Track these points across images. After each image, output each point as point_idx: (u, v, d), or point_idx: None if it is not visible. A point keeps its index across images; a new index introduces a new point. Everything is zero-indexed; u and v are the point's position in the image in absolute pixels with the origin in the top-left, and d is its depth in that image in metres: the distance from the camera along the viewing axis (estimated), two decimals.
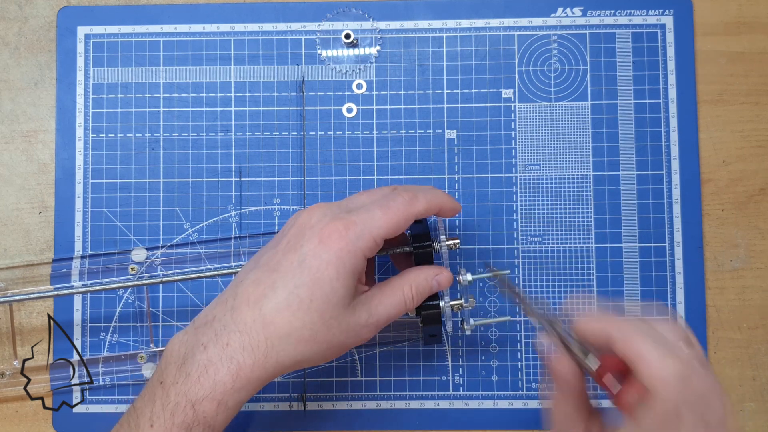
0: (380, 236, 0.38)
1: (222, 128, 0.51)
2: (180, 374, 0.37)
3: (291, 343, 0.37)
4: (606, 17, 0.51)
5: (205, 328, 0.38)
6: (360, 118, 0.51)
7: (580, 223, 0.50)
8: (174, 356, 0.38)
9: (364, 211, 0.38)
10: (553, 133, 0.51)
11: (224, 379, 0.36)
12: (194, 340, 0.37)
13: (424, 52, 0.51)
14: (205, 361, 0.36)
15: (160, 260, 0.49)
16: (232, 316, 0.37)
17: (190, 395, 0.36)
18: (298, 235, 0.38)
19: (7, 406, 0.50)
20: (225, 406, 0.36)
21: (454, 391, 0.49)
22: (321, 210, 0.39)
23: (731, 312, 0.50)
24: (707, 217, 0.50)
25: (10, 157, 0.51)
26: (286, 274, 0.37)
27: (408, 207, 0.39)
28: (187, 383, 0.36)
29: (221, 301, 0.39)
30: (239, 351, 0.36)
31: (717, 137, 0.51)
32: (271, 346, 0.36)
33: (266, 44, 0.51)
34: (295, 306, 0.36)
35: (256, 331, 0.37)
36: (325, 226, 0.38)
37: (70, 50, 0.51)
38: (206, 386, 0.36)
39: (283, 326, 0.36)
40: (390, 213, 0.38)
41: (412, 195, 0.39)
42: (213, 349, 0.37)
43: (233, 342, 0.36)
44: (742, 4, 0.51)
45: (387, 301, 0.39)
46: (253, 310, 0.37)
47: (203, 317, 0.39)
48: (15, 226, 0.51)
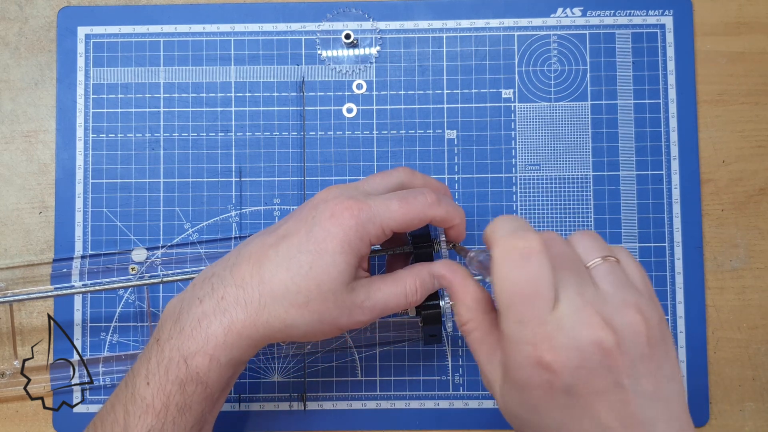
0: (390, 227, 0.38)
1: (222, 128, 0.51)
2: (174, 329, 0.37)
3: (284, 305, 0.37)
4: (606, 17, 0.51)
5: (203, 283, 0.39)
6: (360, 118, 0.51)
7: (580, 223, 0.50)
8: (170, 312, 0.39)
9: (382, 199, 0.39)
10: (553, 133, 0.51)
11: (216, 332, 0.36)
12: (191, 296, 0.38)
13: (424, 52, 0.51)
14: (199, 314, 0.37)
15: (160, 260, 0.49)
16: (231, 272, 0.38)
17: (183, 350, 0.36)
18: (312, 208, 0.39)
19: (7, 406, 0.50)
20: (217, 362, 0.37)
21: (454, 391, 0.49)
22: (339, 189, 0.40)
23: (731, 312, 0.50)
24: (707, 217, 0.50)
25: (11, 157, 0.51)
26: (292, 240, 0.38)
27: (427, 208, 0.39)
28: (181, 337, 0.37)
29: (223, 260, 0.40)
30: (233, 304, 0.37)
31: (717, 137, 0.51)
32: (263, 305, 0.37)
33: (266, 44, 0.51)
34: (294, 270, 0.37)
35: (252, 286, 0.37)
36: (339, 203, 0.38)
37: (70, 50, 0.51)
38: (198, 340, 0.36)
39: (278, 286, 0.37)
40: (407, 208, 0.38)
41: (436, 199, 0.39)
42: (208, 302, 0.37)
43: (228, 295, 0.37)
44: (742, 4, 0.51)
45: (388, 288, 0.39)
46: (253, 267, 0.38)
47: (203, 274, 0.40)
48: (15, 226, 0.51)
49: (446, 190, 0.44)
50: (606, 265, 0.32)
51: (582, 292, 0.31)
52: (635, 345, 0.30)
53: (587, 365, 0.29)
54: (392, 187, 0.41)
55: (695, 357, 0.49)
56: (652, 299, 0.32)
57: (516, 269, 0.31)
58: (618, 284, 0.32)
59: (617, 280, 0.32)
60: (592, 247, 0.33)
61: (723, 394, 0.49)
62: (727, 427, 0.49)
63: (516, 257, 0.31)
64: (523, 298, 0.30)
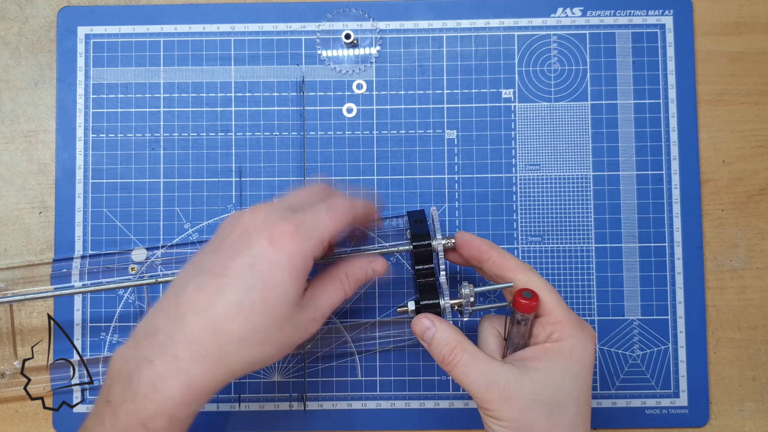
0: (326, 238, 0.38)
1: (222, 128, 0.51)
2: (127, 393, 0.35)
3: (243, 348, 0.35)
4: (606, 17, 0.51)
5: (147, 341, 0.36)
6: (360, 118, 0.51)
7: (580, 223, 0.50)
8: (117, 373, 0.36)
9: (311, 212, 0.38)
10: (553, 133, 0.51)
11: (174, 393, 0.34)
12: (136, 355, 0.35)
13: (424, 52, 0.51)
14: (152, 376, 0.35)
15: (160, 260, 0.49)
16: (177, 326, 0.35)
17: (140, 414, 0.34)
18: (244, 237, 0.36)
19: (7, 406, 0.50)
20: (178, 420, 0.35)
21: (454, 391, 0.49)
22: (265, 210, 0.37)
23: (731, 312, 0.50)
24: (707, 217, 0.50)
25: (11, 157, 0.51)
26: (235, 278, 0.35)
27: (349, 210, 0.39)
28: (136, 402, 0.34)
29: (161, 310, 0.37)
30: (189, 362, 0.35)
31: (717, 137, 0.51)
32: (223, 354, 0.35)
33: (266, 44, 0.51)
34: (247, 310, 0.35)
35: (206, 339, 0.35)
36: (273, 226, 0.36)
37: (70, 50, 0.51)
38: (156, 403, 0.34)
39: (235, 332, 0.35)
40: (336, 215, 0.38)
41: (350, 200, 0.40)
42: (160, 363, 0.35)
43: (182, 353, 0.35)
44: (742, 4, 0.51)
45: (328, 291, 0.40)
46: (202, 318, 0.35)
47: (144, 329, 0.36)
48: (15, 226, 0.51)
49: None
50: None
51: None
52: None
53: None
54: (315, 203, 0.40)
55: (695, 357, 0.49)
56: None
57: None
58: None
59: None
60: None
61: (723, 394, 0.49)
62: (727, 427, 0.49)
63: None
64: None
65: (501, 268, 0.41)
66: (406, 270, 0.50)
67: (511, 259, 0.41)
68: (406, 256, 0.50)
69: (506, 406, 0.37)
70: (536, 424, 0.37)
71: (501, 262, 0.41)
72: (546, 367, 0.38)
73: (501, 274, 0.41)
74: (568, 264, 0.50)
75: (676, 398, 0.49)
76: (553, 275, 0.50)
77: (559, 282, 0.50)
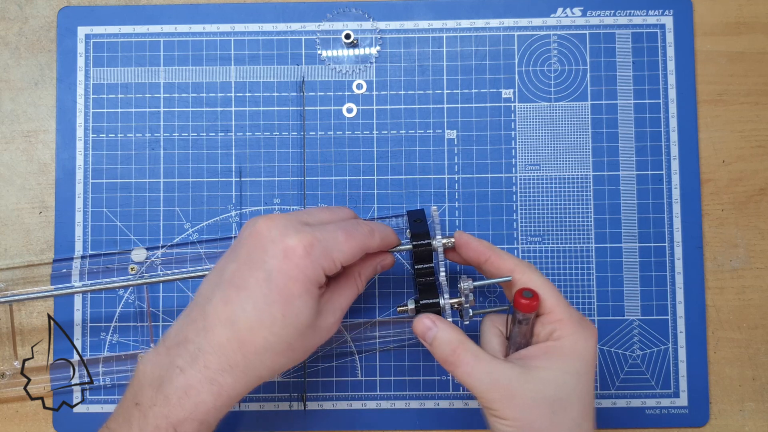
0: (340, 260, 0.38)
1: (222, 128, 0.51)
2: (158, 397, 0.36)
3: (269, 357, 0.37)
4: (606, 17, 0.51)
5: (179, 349, 0.37)
6: (360, 118, 0.51)
7: (580, 223, 0.50)
8: (148, 378, 0.37)
9: (328, 231, 0.38)
10: (553, 133, 0.51)
11: (206, 399, 0.36)
12: (168, 362, 0.37)
13: (424, 52, 0.51)
14: (184, 384, 0.36)
15: (160, 260, 0.49)
16: (206, 338, 0.37)
17: (171, 418, 0.36)
18: (260, 249, 0.37)
19: (8, 406, 0.50)
20: (207, 425, 0.37)
21: (454, 391, 0.49)
22: (281, 222, 0.38)
23: (731, 312, 0.50)
24: (707, 217, 0.50)
25: (11, 157, 0.51)
26: (254, 292, 0.37)
27: (368, 239, 0.40)
28: (167, 406, 0.36)
29: (191, 321, 0.38)
30: (218, 372, 0.36)
31: (717, 137, 0.51)
32: (249, 363, 0.37)
33: (266, 44, 0.51)
34: (269, 324, 0.36)
35: (233, 350, 0.36)
36: (288, 240, 0.37)
37: (70, 50, 0.51)
38: (187, 408, 0.36)
39: (260, 343, 0.37)
40: (352, 241, 0.39)
41: (370, 229, 0.41)
42: (191, 371, 0.36)
43: (211, 364, 0.36)
44: (742, 4, 0.51)
45: (344, 293, 0.41)
46: (228, 331, 0.37)
47: (174, 337, 0.38)
48: (15, 226, 0.51)
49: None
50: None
51: None
52: None
53: None
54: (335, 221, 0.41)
55: (695, 357, 0.49)
56: None
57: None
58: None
59: None
60: None
61: (723, 394, 0.49)
62: (727, 427, 0.49)
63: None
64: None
65: (500, 269, 0.41)
66: (406, 269, 0.50)
67: (509, 259, 0.41)
68: (405, 256, 0.50)
69: (509, 405, 0.37)
70: (539, 422, 0.37)
71: (499, 263, 0.41)
72: (548, 366, 0.38)
73: (500, 275, 0.41)
74: (568, 264, 0.50)
75: (676, 398, 0.49)
76: (553, 275, 0.50)
77: (560, 282, 0.50)
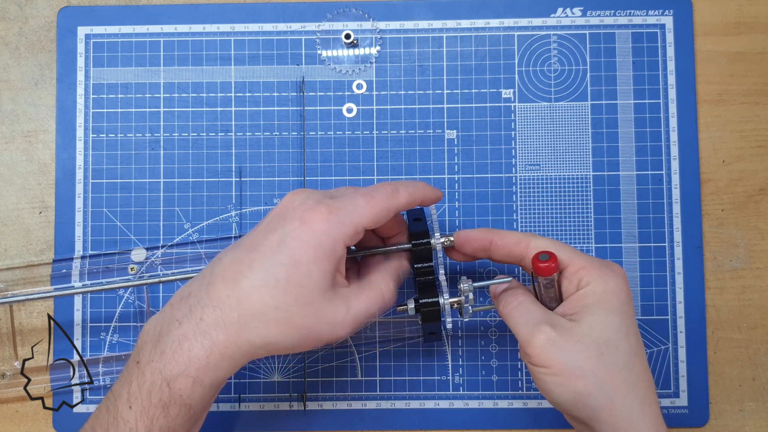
0: (362, 225, 0.38)
1: (222, 128, 0.51)
2: (155, 352, 0.36)
3: (264, 323, 0.36)
4: (606, 17, 0.51)
5: (180, 303, 0.37)
6: (360, 118, 0.51)
7: (580, 223, 0.50)
8: (149, 334, 0.37)
9: (347, 198, 0.38)
10: (553, 133, 0.51)
11: (198, 354, 0.36)
12: (170, 316, 0.37)
13: (424, 52, 0.51)
14: (179, 336, 0.36)
15: (160, 260, 0.49)
16: (207, 292, 0.37)
17: (165, 373, 0.36)
18: (280, 216, 0.38)
19: (8, 406, 0.50)
20: (200, 384, 0.36)
21: (454, 391, 0.49)
22: (305, 194, 0.39)
23: (731, 312, 0.50)
24: (707, 217, 0.50)
25: (11, 157, 0.51)
26: (264, 253, 0.37)
27: (390, 199, 0.39)
28: (162, 360, 0.36)
29: (198, 278, 0.38)
30: (212, 326, 0.36)
31: (717, 137, 0.51)
32: (244, 324, 0.36)
33: (266, 44, 0.51)
34: (272, 285, 0.36)
35: (230, 306, 0.36)
36: (308, 208, 0.37)
37: (70, 50, 0.51)
38: (181, 363, 0.36)
39: (257, 304, 0.36)
40: (373, 202, 0.38)
41: (395, 188, 0.40)
42: (187, 324, 0.36)
43: (207, 317, 0.36)
44: (742, 4, 0.51)
45: (366, 298, 0.39)
46: (229, 286, 0.37)
47: (179, 293, 0.38)
48: (15, 226, 0.51)
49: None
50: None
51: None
52: None
53: None
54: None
55: (695, 357, 0.49)
56: None
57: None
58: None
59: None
60: None
61: (723, 394, 0.49)
62: (727, 427, 0.49)
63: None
64: None
65: (507, 247, 0.41)
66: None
67: (511, 234, 0.41)
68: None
69: (554, 352, 0.37)
70: (587, 366, 0.36)
71: (503, 241, 0.41)
72: (586, 311, 0.38)
73: (509, 252, 0.41)
74: None
75: (676, 398, 0.49)
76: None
77: None
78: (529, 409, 0.49)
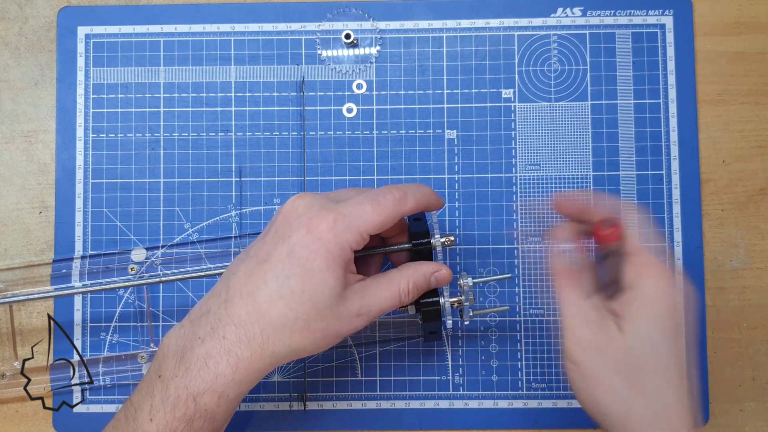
0: (367, 231, 0.38)
1: (222, 128, 0.51)
2: (179, 367, 0.37)
3: (286, 333, 0.37)
4: (606, 17, 0.51)
5: (201, 320, 0.38)
6: (360, 118, 0.51)
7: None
8: (171, 349, 0.38)
9: (353, 204, 0.38)
10: (553, 133, 0.51)
11: (224, 371, 0.36)
12: (191, 333, 0.38)
13: (424, 52, 0.51)
14: (203, 354, 0.36)
15: (160, 260, 0.49)
16: (226, 309, 0.37)
17: (191, 388, 0.36)
18: (285, 225, 0.38)
19: (8, 406, 0.50)
20: (226, 398, 0.37)
21: (454, 391, 0.49)
22: (308, 199, 0.39)
23: (731, 312, 0.50)
24: (707, 217, 0.50)
25: (11, 157, 0.51)
26: (276, 265, 0.37)
27: (397, 205, 0.39)
28: (187, 376, 0.36)
29: (214, 294, 0.39)
30: (236, 344, 0.36)
31: (717, 137, 0.51)
32: (266, 338, 0.37)
33: (266, 44, 0.51)
34: (288, 297, 0.36)
35: (251, 323, 0.37)
36: (313, 215, 0.37)
37: (70, 50, 0.51)
38: (207, 379, 0.36)
39: (277, 318, 0.37)
40: (379, 209, 0.38)
41: (402, 193, 0.39)
42: (210, 342, 0.37)
43: (229, 335, 0.37)
44: (742, 4, 0.51)
45: (381, 293, 0.39)
46: (247, 303, 0.37)
47: (198, 310, 0.39)
48: (15, 226, 0.51)
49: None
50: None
51: None
52: None
53: None
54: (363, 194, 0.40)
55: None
56: None
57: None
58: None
59: None
60: None
61: (723, 394, 0.49)
62: (727, 427, 0.49)
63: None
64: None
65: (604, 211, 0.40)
66: None
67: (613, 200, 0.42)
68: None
69: (590, 354, 0.36)
70: (616, 383, 0.36)
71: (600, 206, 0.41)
72: (635, 323, 0.36)
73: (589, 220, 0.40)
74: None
75: None
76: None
77: None
78: (529, 409, 0.49)
